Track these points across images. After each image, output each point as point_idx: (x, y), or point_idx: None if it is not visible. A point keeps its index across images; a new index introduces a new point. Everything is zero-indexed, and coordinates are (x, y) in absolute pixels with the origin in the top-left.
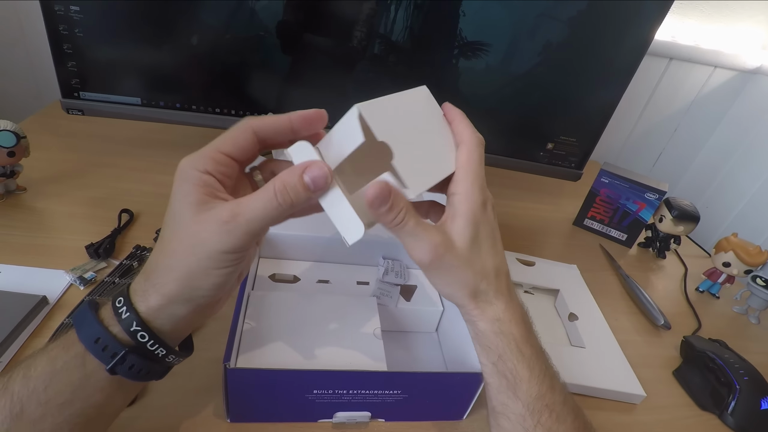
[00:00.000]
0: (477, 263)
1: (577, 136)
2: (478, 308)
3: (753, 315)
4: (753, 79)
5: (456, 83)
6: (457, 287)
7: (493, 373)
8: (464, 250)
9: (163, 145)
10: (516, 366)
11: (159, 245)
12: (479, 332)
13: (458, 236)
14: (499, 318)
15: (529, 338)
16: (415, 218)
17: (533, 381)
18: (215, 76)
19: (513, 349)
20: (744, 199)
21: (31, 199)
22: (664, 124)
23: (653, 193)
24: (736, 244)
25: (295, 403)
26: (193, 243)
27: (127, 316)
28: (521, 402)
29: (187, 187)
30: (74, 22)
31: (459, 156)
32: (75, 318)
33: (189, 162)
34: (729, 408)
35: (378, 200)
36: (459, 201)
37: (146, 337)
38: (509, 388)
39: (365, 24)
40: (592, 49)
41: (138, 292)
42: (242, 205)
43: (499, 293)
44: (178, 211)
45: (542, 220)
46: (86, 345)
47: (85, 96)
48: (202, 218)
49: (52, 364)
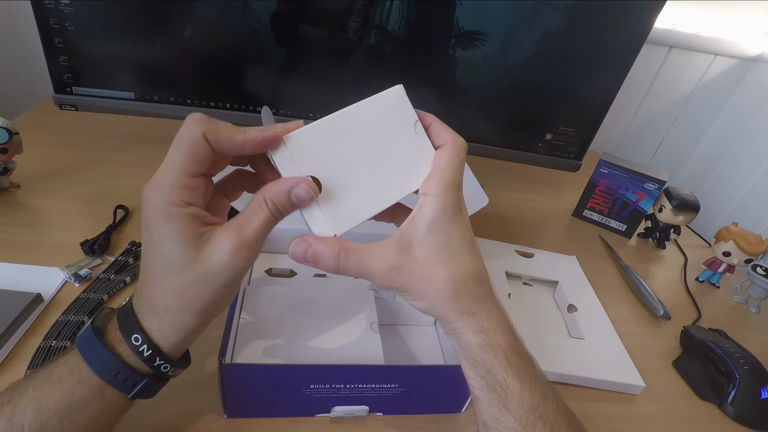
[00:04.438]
0: (451, 270)
1: (575, 127)
2: (460, 319)
3: (753, 304)
4: (754, 67)
5: (453, 73)
6: (431, 300)
7: (482, 387)
8: (432, 260)
9: (158, 140)
10: (506, 379)
11: (161, 285)
12: (463, 345)
13: (425, 244)
14: (484, 329)
15: (516, 347)
16: (354, 256)
17: (525, 393)
18: (209, 69)
19: (501, 361)
20: (744, 189)
21: (25, 195)
22: (664, 113)
23: (653, 183)
24: (736, 234)
25: (293, 398)
26: (206, 279)
27: (150, 353)
28: (513, 416)
29: (175, 226)
30: (65, 16)
31: (440, 156)
32: (84, 350)
33: (162, 197)
34: (729, 397)
35: (300, 260)
36: (429, 203)
37: (168, 367)
38: (500, 402)
39: (360, 14)
40: (591, 38)
41: (155, 332)
42: (245, 228)
43: (481, 301)
44: (175, 253)
45: (541, 211)
46: (106, 380)
47: (78, 91)
48: (208, 253)
49: (68, 398)
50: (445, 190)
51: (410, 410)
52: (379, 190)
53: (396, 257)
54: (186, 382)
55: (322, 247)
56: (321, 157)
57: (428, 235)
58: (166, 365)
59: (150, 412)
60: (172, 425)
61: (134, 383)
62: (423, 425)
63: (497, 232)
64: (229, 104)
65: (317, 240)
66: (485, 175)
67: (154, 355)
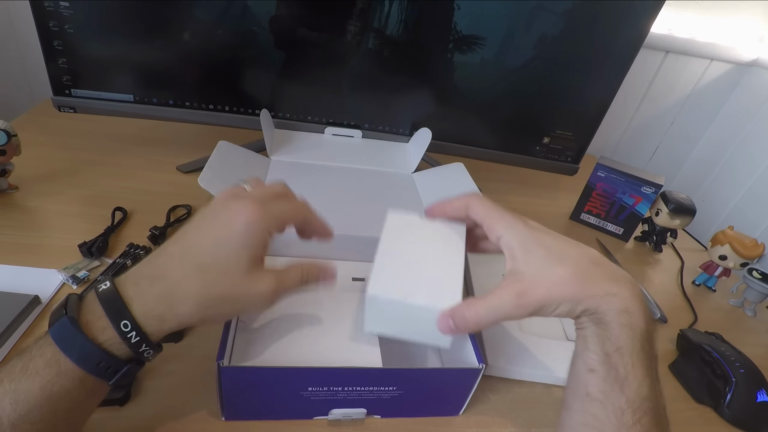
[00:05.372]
0: (567, 265)
1: (573, 130)
2: (603, 302)
3: (749, 308)
4: (749, 72)
5: (452, 77)
6: (570, 297)
7: (603, 362)
8: (546, 267)
9: (157, 143)
10: (634, 361)
11: (203, 277)
12: (601, 322)
13: (531, 262)
14: (628, 309)
15: (650, 335)
16: (481, 305)
17: (645, 382)
18: (208, 72)
19: (636, 345)
20: (740, 192)
21: (23, 197)
22: (661, 117)
23: (649, 186)
24: (732, 237)
25: (290, 401)
26: (240, 298)
27: (137, 340)
28: (626, 397)
29: (254, 242)
30: (64, 18)
31: (476, 211)
32: (63, 343)
33: (264, 220)
34: (725, 401)
35: (450, 332)
36: (507, 238)
37: (150, 352)
38: (617, 380)
39: (359, 18)
40: (588, 43)
41: (141, 317)
42: (282, 284)
43: (615, 281)
44: (239, 266)
45: (538, 215)
46: (87, 370)
47: (77, 93)
48: (253, 281)
49: (48, 389)
50: (507, 223)
51: (408, 413)
52: (447, 263)
53: (515, 286)
54: (184, 384)
55: (458, 313)
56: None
57: (527, 255)
58: (149, 350)
59: (147, 414)
60: (169, 428)
61: (116, 370)
62: (421, 427)
63: None
64: (227, 107)
65: (452, 311)
66: (483, 178)
67: (141, 342)
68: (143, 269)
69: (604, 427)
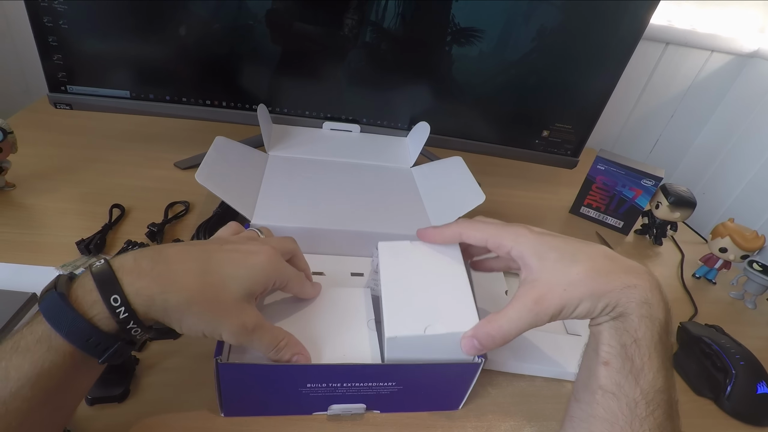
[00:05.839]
0: (582, 262)
1: (572, 123)
2: (623, 296)
3: (749, 300)
4: (750, 63)
5: (450, 71)
6: (590, 295)
7: (619, 354)
8: (561, 269)
9: (154, 139)
10: (651, 353)
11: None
12: (621, 315)
13: (545, 267)
14: (648, 300)
15: (668, 326)
16: (502, 319)
17: (660, 373)
18: (205, 67)
19: (654, 336)
20: (741, 184)
21: (21, 195)
22: (661, 109)
23: (649, 179)
24: (733, 230)
25: (289, 397)
26: (217, 315)
27: (126, 316)
28: (640, 389)
29: (261, 281)
30: (59, 14)
31: (472, 236)
32: (53, 317)
33: (276, 271)
34: (725, 393)
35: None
36: (517, 248)
37: (138, 331)
38: (632, 371)
39: (356, 11)
40: (587, 35)
41: (141, 295)
42: (262, 331)
43: (633, 273)
44: (236, 284)
45: (538, 209)
46: (77, 346)
47: (73, 90)
48: (240, 311)
49: (38, 365)
50: (513, 234)
51: (407, 408)
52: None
53: (532, 293)
54: (182, 380)
55: (481, 331)
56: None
57: (541, 260)
58: (137, 329)
59: (147, 410)
60: (168, 424)
61: (106, 348)
62: (420, 422)
63: None
64: (225, 102)
65: (474, 330)
66: (482, 172)
67: (129, 319)
68: (147, 251)
69: (616, 418)
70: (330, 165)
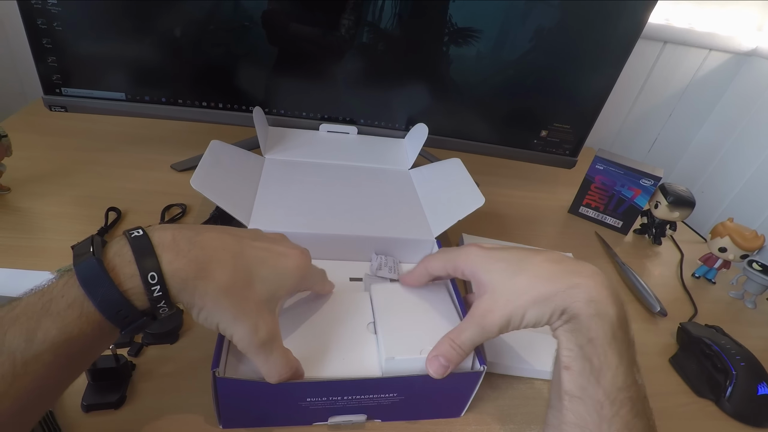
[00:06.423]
0: (525, 273)
1: (570, 123)
2: (568, 297)
3: (749, 300)
4: (748, 62)
5: (447, 71)
6: (537, 303)
7: (578, 357)
8: (506, 281)
9: (150, 141)
10: (606, 351)
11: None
12: (572, 318)
13: (491, 280)
14: (593, 298)
15: (624, 323)
16: (458, 338)
17: (620, 370)
18: (200, 68)
19: (607, 333)
20: (740, 183)
21: (16, 199)
22: (659, 109)
23: (648, 179)
24: (732, 229)
25: (289, 410)
26: (236, 313)
27: (159, 295)
28: (603, 389)
29: (288, 286)
30: (53, 16)
31: (434, 267)
32: (89, 285)
33: (306, 278)
34: (726, 394)
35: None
36: (470, 269)
37: (166, 310)
38: (592, 372)
39: (353, 12)
40: (585, 34)
41: (176, 277)
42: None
43: (576, 274)
44: (264, 286)
45: (537, 209)
46: (107, 316)
47: (68, 92)
48: (260, 313)
49: (67, 331)
50: (464, 255)
51: (409, 417)
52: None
53: (479, 308)
54: (180, 387)
55: (442, 348)
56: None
57: (488, 274)
58: (164, 308)
59: (143, 418)
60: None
61: (132, 321)
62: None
63: (493, 230)
64: (221, 104)
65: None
66: (480, 172)
67: (162, 297)
68: (185, 230)
69: (585, 423)
70: (327, 168)
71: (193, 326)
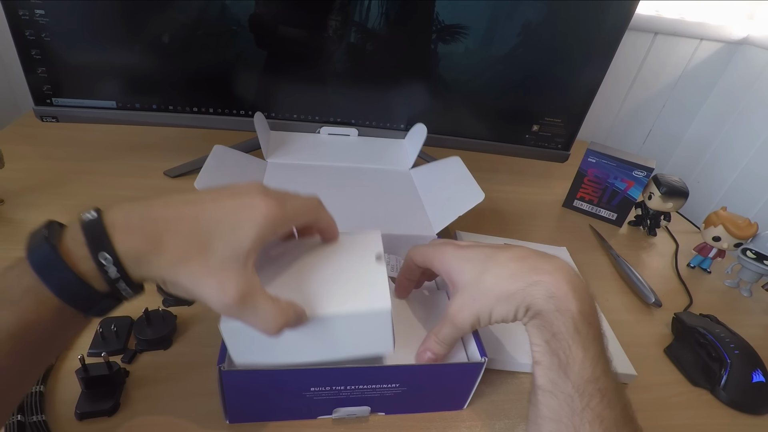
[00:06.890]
0: (490, 270)
1: (562, 117)
2: (530, 294)
3: (744, 288)
4: (740, 50)
5: (436, 69)
6: (503, 298)
7: (546, 352)
8: (473, 277)
9: (142, 148)
10: (570, 345)
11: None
12: (536, 316)
13: (461, 276)
14: (553, 294)
15: (588, 317)
16: (439, 334)
17: (587, 362)
18: (190, 74)
19: (569, 328)
20: (735, 173)
21: (9, 210)
22: (653, 100)
23: (641, 170)
24: (725, 218)
25: (294, 401)
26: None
27: (117, 276)
28: (571, 382)
29: (261, 236)
30: (41, 27)
31: (418, 260)
32: (43, 270)
33: (281, 220)
34: (721, 382)
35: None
36: (443, 269)
37: (128, 290)
38: (560, 367)
39: (339, 13)
40: (572, 27)
41: (130, 255)
42: (253, 299)
43: (540, 271)
44: (222, 245)
45: (531, 204)
46: (67, 301)
47: (59, 102)
48: (226, 275)
49: (23, 317)
50: (438, 253)
51: (412, 409)
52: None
53: (451, 308)
54: (173, 393)
55: (429, 343)
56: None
57: (459, 274)
58: (127, 289)
59: (137, 423)
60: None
61: (93, 304)
62: (425, 423)
63: (488, 225)
64: (212, 109)
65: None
66: (473, 168)
67: (119, 278)
68: (137, 206)
69: (559, 416)
70: (329, 170)
71: (186, 332)
